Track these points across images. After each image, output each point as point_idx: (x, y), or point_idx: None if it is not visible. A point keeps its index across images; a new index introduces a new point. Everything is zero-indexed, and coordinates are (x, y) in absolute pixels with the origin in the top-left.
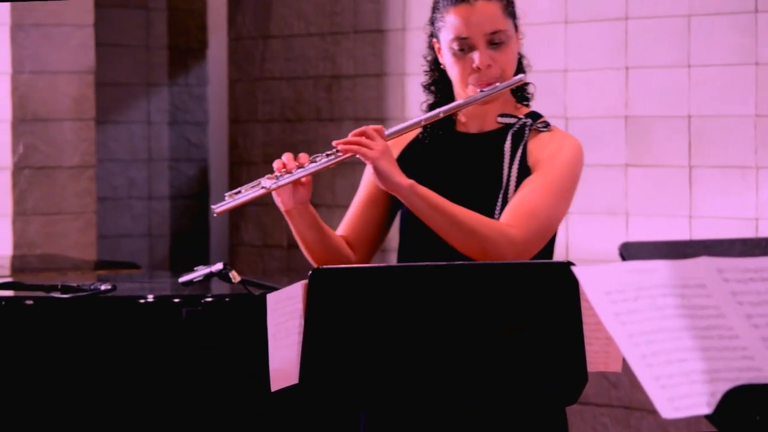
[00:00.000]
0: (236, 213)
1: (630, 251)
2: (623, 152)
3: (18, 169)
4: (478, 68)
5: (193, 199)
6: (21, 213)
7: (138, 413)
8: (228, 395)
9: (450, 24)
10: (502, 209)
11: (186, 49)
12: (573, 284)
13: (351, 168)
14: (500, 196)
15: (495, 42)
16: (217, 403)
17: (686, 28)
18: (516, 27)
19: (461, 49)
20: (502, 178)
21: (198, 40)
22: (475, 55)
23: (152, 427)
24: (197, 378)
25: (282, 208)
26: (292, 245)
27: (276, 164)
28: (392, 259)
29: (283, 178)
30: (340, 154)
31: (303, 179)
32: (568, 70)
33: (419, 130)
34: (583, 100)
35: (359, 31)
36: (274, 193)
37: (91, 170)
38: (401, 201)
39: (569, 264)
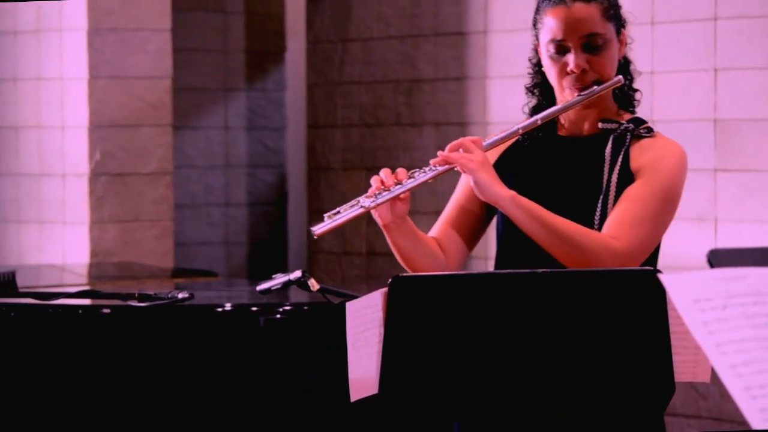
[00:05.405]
0: (314, 220)
1: (719, 258)
2: (712, 156)
3: (95, 176)
4: (572, 71)
5: (271, 205)
6: (98, 220)
7: (215, 422)
8: (307, 405)
9: (547, 26)
10: (602, 215)
11: (264, 53)
12: (660, 292)
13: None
14: (600, 202)
15: (591, 45)
16: (295, 412)
17: None
18: (618, 31)
19: (557, 52)
20: (602, 183)
21: (276, 44)
22: (570, 58)
23: None
24: (275, 387)
25: (380, 222)
26: (371, 252)
27: (374, 181)
28: (481, 267)
29: (382, 195)
30: (437, 167)
31: (401, 195)
32: (655, 72)
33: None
34: (670, 102)
35: (440, 33)
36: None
37: (168, 177)
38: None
39: (656, 271)
